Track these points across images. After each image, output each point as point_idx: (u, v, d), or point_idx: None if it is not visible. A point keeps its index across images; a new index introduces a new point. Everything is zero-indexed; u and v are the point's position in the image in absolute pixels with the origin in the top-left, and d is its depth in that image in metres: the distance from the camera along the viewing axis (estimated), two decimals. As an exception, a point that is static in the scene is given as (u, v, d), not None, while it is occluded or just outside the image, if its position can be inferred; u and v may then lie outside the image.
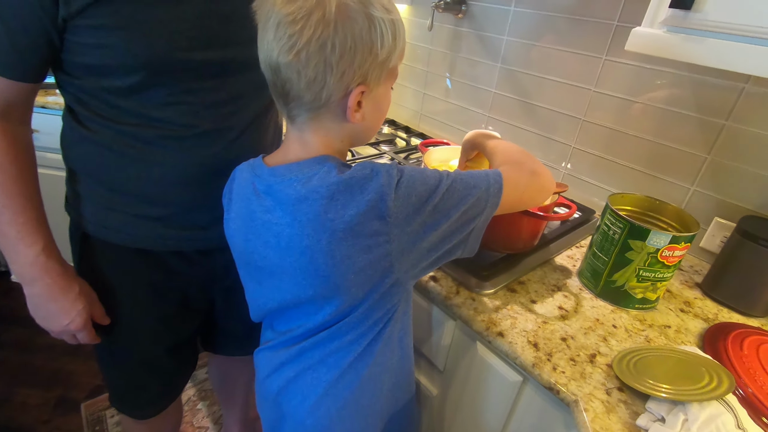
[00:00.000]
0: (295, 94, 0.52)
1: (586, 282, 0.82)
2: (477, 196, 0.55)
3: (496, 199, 0.56)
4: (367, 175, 0.52)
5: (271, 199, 0.56)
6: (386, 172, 0.52)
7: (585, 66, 1.06)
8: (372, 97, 0.55)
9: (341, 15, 0.48)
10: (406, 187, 0.52)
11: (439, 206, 0.53)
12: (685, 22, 0.63)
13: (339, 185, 0.51)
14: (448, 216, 0.54)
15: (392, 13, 0.53)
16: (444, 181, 0.54)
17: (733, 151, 0.87)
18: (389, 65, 0.54)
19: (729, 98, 0.85)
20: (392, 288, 0.57)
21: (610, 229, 0.75)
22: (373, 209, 0.50)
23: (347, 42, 0.49)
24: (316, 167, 0.53)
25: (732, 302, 0.81)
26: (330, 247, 0.52)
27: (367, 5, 0.50)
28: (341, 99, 0.52)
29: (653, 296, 0.76)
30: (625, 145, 1.03)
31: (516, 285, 0.80)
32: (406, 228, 0.52)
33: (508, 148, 0.68)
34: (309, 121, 0.55)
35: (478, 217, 0.56)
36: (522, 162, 0.64)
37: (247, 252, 0.62)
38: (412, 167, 0.55)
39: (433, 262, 0.57)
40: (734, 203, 0.89)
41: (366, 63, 0.51)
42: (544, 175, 0.63)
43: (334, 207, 0.51)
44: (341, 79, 0.50)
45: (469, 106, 1.37)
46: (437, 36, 1.40)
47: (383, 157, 1.28)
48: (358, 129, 0.58)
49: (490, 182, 0.56)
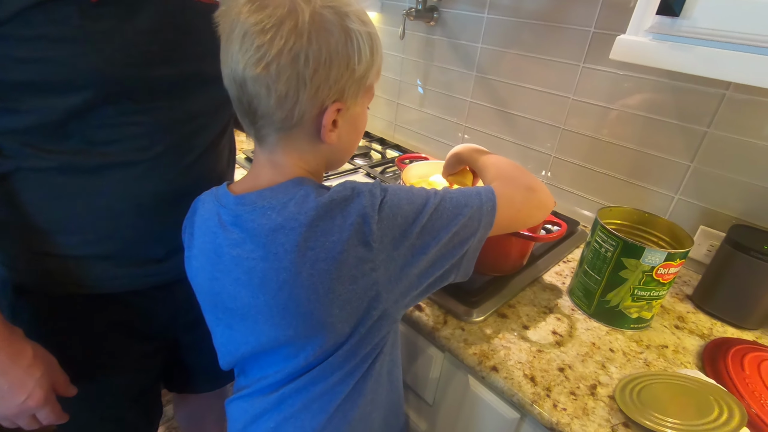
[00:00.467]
0: (264, 112, 0.46)
1: (578, 302, 0.78)
2: (469, 216, 0.50)
3: (490, 218, 0.51)
4: (348, 197, 0.46)
5: (239, 230, 0.49)
6: (369, 192, 0.47)
7: (563, 74, 1.03)
8: (348, 116, 0.50)
9: (315, 26, 0.43)
10: (391, 207, 0.46)
11: (428, 227, 0.48)
12: (672, 30, 0.60)
13: (319, 210, 0.45)
14: (438, 238, 0.48)
15: (369, 26, 0.48)
16: (432, 200, 0.49)
17: (716, 158, 0.86)
18: (366, 82, 0.49)
19: (710, 105, 0.84)
20: (380, 320, 0.52)
21: (601, 247, 0.71)
22: (357, 234, 0.45)
23: (322, 55, 0.44)
24: (292, 191, 0.48)
25: (725, 315, 0.78)
26: (312, 280, 0.46)
27: (343, 17, 0.46)
28: (315, 117, 0.47)
29: (648, 315, 0.73)
30: (606, 153, 1.00)
31: (506, 309, 0.75)
32: (393, 253, 0.47)
33: (501, 162, 0.64)
34: (280, 141, 0.49)
35: (471, 238, 0.50)
36: (516, 177, 0.59)
37: (213, 293, 0.55)
38: (396, 185, 0.50)
39: (425, 289, 0.51)
40: (719, 211, 0.87)
41: (342, 78, 0.46)
42: (541, 191, 0.58)
43: (315, 235, 0.45)
44: (315, 96, 0.45)
45: (444, 116, 1.33)
46: (409, 44, 1.36)
47: (358, 172, 1.22)
48: (334, 150, 0.52)
49: (483, 200, 0.51)
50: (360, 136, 0.55)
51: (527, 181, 0.58)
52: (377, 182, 0.49)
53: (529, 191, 0.57)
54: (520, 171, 0.61)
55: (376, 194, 0.47)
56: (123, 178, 0.58)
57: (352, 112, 0.50)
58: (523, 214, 0.56)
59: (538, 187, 0.58)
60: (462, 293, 0.75)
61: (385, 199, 0.47)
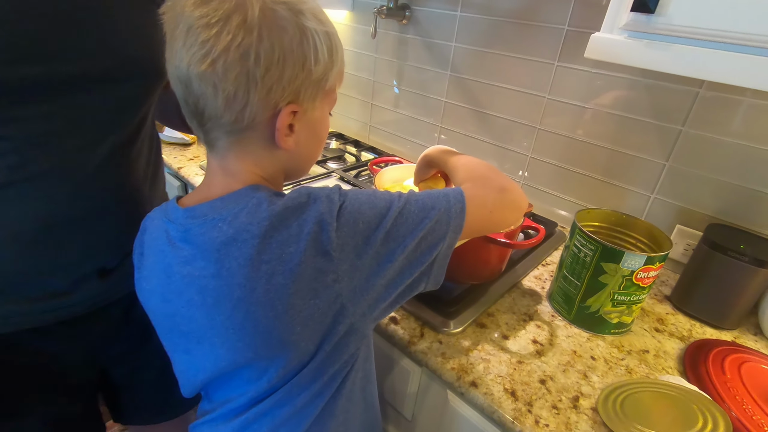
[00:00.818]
0: (212, 113, 0.43)
1: (558, 307, 0.76)
2: (436, 219, 0.46)
3: (459, 221, 0.47)
4: (303, 204, 0.43)
5: (189, 246, 0.45)
6: (326, 197, 0.43)
7: (537, 73, 1.01)
8: (306, 121, 0.47)
9: (267, 21, 0.40)
10: (351, 213, 0.43)
11: (392, 233, 0.44)
12: (648, 27, 0.58)
13: (273, 219, 0.42)
14: (404, 244, 0.45)
15: (327, 25, 0.45)
16: (396, 204, 0.45)
17: (691, 157, 0.85)
18: (326, 85, 0.46)
19: (684, 103, 0.83)
20: (348, 335, 0.48)
21: (580, 251, 0.69)
22: (315, 243, 0.42)
23: (274, 53, 0.41)
24: (244, 200, 0.44)
25: (704, 316, 0.78)
26: (269, 296, 0.42)
27: (298, 14, 0.42)
28: (269, 120, 0.44)
29: (629, 319, 0.71)
30: (582, 153, 0.99)
31: (485, 318, 0.73)
32: (356, 262, 0.43)
33: (472, 163, 0.60)
34: (231, 146, 0.45)
35: (439, 243, 0.47)
36: (487, 177, 0.56)
37: (167, 316, 0.50)
38: (358, 189, 0.47)
39: (395, 300, 0.48)
40: (695, 210, 0.87)
41: (297, 79, 0.43)
42: (513, 191, 0.55)
43: (270, 247, 0.42)
44: (268, 97, 0.42)
45: (419, 116, 1.30)
46: (382, 43, 1.32)
47: (332, 176, 1.18)
48: (292, 157, 0.49)
49: (451, 202, 0.48)
50: (322, 143, 0.52)
51: (499, 182, 0.55)
52: (337, 187, 0.46)
53: (501, 192, 0.53)
54: (492, 171, 0.58)
55: (335, 200, 0.43)
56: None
57: (311, 116, 0.47)
58: (496, 215, 0.53)
59: (510, 187, 0.55)
60: (439, 303, 0.72)
61: (345, 204, 0.43)
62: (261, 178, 0.47)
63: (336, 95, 0.50)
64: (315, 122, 0.48)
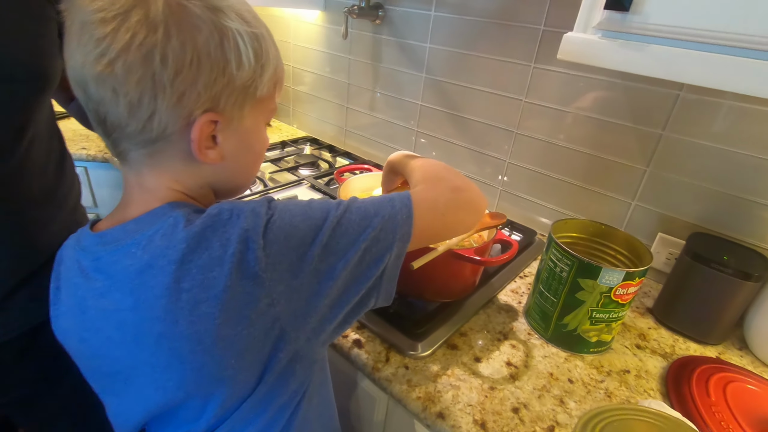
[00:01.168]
0: (116, 121, 0.37)
1: (535, 325, 0.71)
2: (380, 227, 0.41)
3: (407, 228, 0.42)
4: (224, 221, 0.38)
5: (103, 277, 0.40)
6: (251, 212, 0.38)
7: (514, 75, 0.97)
8: (234, 131, 0.41)
9: (174, 18, 0.35)
10: (281, 227, 0.38)
11: (331, 246, 0.39)
12: (622, 26, 0.54)
13: (190, 241, 0.37)
14: (346, 258, 0.40)
15: (254, 25, 0.40)
16: (333, 213, 0.40)
17: (672, 162, 0.81)
18: (255, 93, 0.41)
19: (664, 106, 0.79)
20: (293, 363, 0.43)
21: (556, 266, 0.65)
22: (241, 265, 0.37)
23: (186, 54, 0.35)
24: (159, 221, 0.39)
25: (687, 330, 0.74)
26: (194, 328, 0.37)
27: (216, 12, 0.37)
28: (183, 130, 0.38)
29: (608, 337, 0.67)
30: (561, 158, 0.95)
31: (457, 338, 0.68)
32: (293, 283, 0.38)
33: (428, 164, 0.56)
34: (145, 159, 0.40)
35: (386, 254, 0.42)
36: (441, 178, 0.51)
37: (87, 356, 0.45)
38: (291, 200, 0.42)
39: (343, 320, 0.43)
40: (677, 217, 0.83)
41: (216, 85, 0.38)
42: (469, 190, 0.50)
43: (189, 273, 0.36)
44: (180, 104, 0.37)
45: (395, 120, 1.25)
46: (356, 44, 1.27)
47: (302, 184, 1.12)
48: (220, 172, 0.44)
49: (396, 207, 0.43)
50: (258, 157, 0.47)
51: (453, 181, 0.50)
52: (265, 199, 0.41)
53: (455, 192, 0.48)
54: (448, 172, 0.53)
55: (261, 213, 0.38)
56: None
57: (239, 126, 0.41)
58: (449, 218, 0.47)
59: (465, 186, 0.50)
60: (407, 324, 0.67)
61: (273, 218, 0.38)
62: (183, 195, 0.42)
63: (275, 105, 0.45)
64: (246, 133, 0.43)
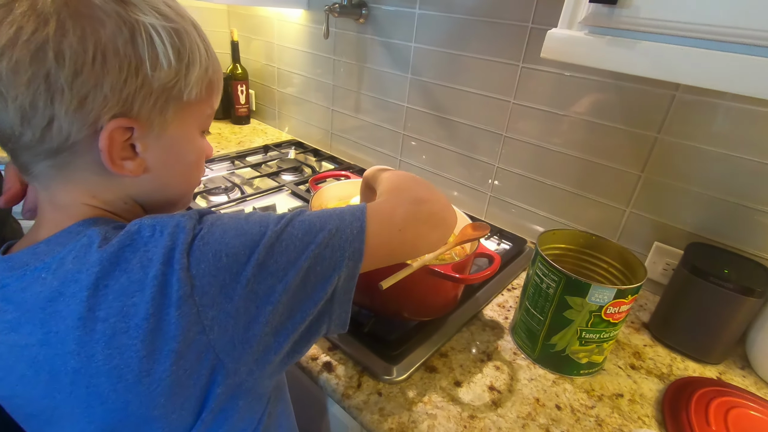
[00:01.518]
0: (7, 130, 0.33)
1: (521, 343, 0.66)
2: (325, 244, 0.36)
3: (358, 245, 0.37)
4: (144, 239, 0.33)
5: (12, 307, 0.35)
6: (175, 228, 0.34)
7: (501, 75, 0.92)
8: (157, 139, 0.37)
9: (69, 10, 0.31)
10: (210, 244, 0.34)
11: (268, 265, 0.34)
12: (610, 21, 0.49)
13: (105, 264, 0.32)
14: (285, 279, 0.35)
15: (173, 20, 0.35)
16: (272, 228, 0.36)
17: (668, 167, 0.76)
18: (181, 96, 0.36)
19: (659, 108, 0.74)
20: (236, 399, 0.39)
21: (542, 282, 0.60)
22: (164, 288, 0.32)
23: (86, 51, 0.31)
24: (72, 241, 0.34)
25: (685, 348, 0.69)
26: (113, 363, 0.32)
27: (126, 4, 0.33)
28: (90, 138, 0.34)
29: (599, 358, 0.62)
30: (552, 163, 0.90)
31: (437, 360, 0.63)
32: (226, 306, 0.33)
33: (396, 176, 0.51)
34: (52, 172, 0.35)
35: (333, 274, 0.37)
36: (403, 188, 0.46)
37: (5, 396, 0.40)
38: (228, 214, 0.37)
39: (292, 350, 0.38)
40: (674, 226, 0.78)
41: (128, 87, 0.33)
42: (434, 202, 0.44)
43: (105, 299, 0.32)
44: (82, 108, 0.32)
45: (381, 123, 1.20)
46: (340, 44, 1.22)
47: (282, 190, 1.07)
48: (147, 185, 0.39)
49: (346, 221, 0.38)
50: (192, 168, 0.42)
51: (416, 192, 0.44)
52: (196, 212, 0.36)
53: (416, 204, 0.42)
54: (413, 182, 0.47)
55: (186, 229, 0.34)
56: None
57: (163, 134, 0.37)
58: (409, 234, 0.41)
59: (429, 197, 0.44)
60: (382, 344, 0.62)
61: (201, 234, 0.34)
62: (103, 211, 0.37)
63: (211, 110, 0.41)
64: (173, 141, 0.38)
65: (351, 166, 1.25)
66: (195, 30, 0.37)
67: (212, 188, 1.03)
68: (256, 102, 1.61)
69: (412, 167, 1.16)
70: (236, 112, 1.53)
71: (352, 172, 1.19)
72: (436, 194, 0.45)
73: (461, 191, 1.08)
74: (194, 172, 0.42)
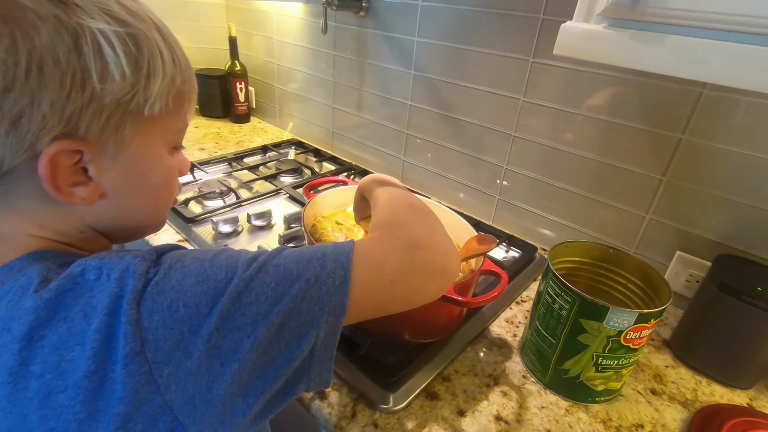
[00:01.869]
0: None
1: (531, 366, 0.61)
2: (301, 296, 0.31)
3: (340, 298, 0.32)
4: (89, 283, 0.29)
5: None
6: (123, 271, 0.29)
7: (510, 70, 0.85)
8: (114, 160, 0.32)
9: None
10: (164, 292, 0.29)
11: (234, 318, 0.30)
12: (634, 13, 0.43)
13: (41, 311, 0.28)
14: (255, 334, 0.30)
15: (129, 24, 0.30)
16: (240, 272, 0.31)
17: (693, 170, 0.70)
18: (141, 111, 0.32)
19: (684, 106, 0.68)
20: None
21: (555, 302, 0.55)
22: (109, 343, 0.27)
23: (19, 64, 0.26)
24: (10, 280, 0.30)
25: (711, 371, 0.63)
26: (49, 425, 0.28)
27: (66, 6, 0.28)
28: (30, 163, 0.29)
29: (617, 385, 0.57)
30: (564, 164, 0.84)
31: (439, 385, 0.58)
32: (184, 363, 0.29)
33: (393, 201, 0.45)
34: None
35: (311, 330, 0.32)
36: (400, 225, 0.40)
37: None
38: (189, 252, 0.32)
39: (263, 410, 0.33)
40: (698, 234, 0.72)
41: (72, 103, 0.28)
42: (432, 247, 0.38)
43: (41, 352, 0.28)
44: (15, 130, 0.28)
45: (383, 122, 1.15)
46: (340, 39, 1.16)
47: (280, 194, 1.03)
48: (106, 212, 0.34)
49: (328, 268, 0.32)
50: (160, 190, 0.37)
51: (413, 234, 0.38)
52: (152, 250, 0.31)
53: (412, 249, 0.36)
54: (411, 213, 0.41)
55: (138, 273, 0.29)
56: None
57: (121, 154, 0.32)
58: (401, 287, 0.35)
59: (428, 240, 0.38)
60: (379, 369, 0.58)
61: (156, 280, 0.29)
62: (54, 243, 0.33)
63: (182, 123, 0.36)
64: (136, 161, 0.33)
65: (352, 167, 1.19)
66: (158, 34, 0.32)
67: (207, 192, 0.98)
68: (257, 99, 1.57)
69: (416, 167, 1.11)
70: (236, 111, 1.48)
71: (350, 174, 1.15)
72: (437, 235, 0.39)
73: (468, 193, 1.02)
74: (163, 194, 0.38)
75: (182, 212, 0.88)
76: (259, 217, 0.88)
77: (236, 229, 0.86)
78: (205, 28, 1.50)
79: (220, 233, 0.85)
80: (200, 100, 1.51)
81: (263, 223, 0.89)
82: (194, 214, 0.88)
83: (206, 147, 1.28)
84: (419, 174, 1.11)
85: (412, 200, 0.45)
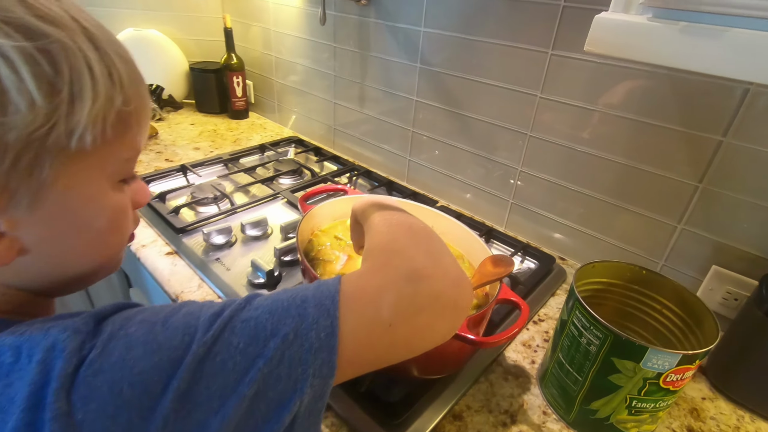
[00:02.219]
0: None
1: (552, 401, 0.55)
2: (278, 357, 0.25)
3: (326, 356, 0.26)
4: (5, 368, 0.23)
5: None
6: (48, 351, 0.23)
7: (526, 64, 0.78)
8: (31, 210, 0.26)
9: None
10: (101, 371, 0.23)
11: (195, 394, 0.24)
12: (686, 2, 0.35)
13: None
14: (222, 410, 0.24)
15: (44, 34, 0.24)
16: (200, 336, 0.24)
17: (735, 177, 0.62)
18: (66, 146, 0.25)
19: (727, 105, 0.60)
20: None
21: (582, 335, 0.48)
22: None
23: None
24: None
25: (755, 405, 0.56)
26: None
27: None
28: None
29: (652, 427, 0.50)
30: (585, 167, 0.77)
31: (449, 425, 0.52)
32: None
33: (388, 225, 0.37)
34: None
35: (293, 398, 0.25)
36: (395, 252, 0.32)
37: None
38: (140, 312, 0.26)
39: None
40: (737, 247, 0.65)
41: None
42: (438, 278, 0.30)
43: None
44: None
45: (388, 118, 1.07)
46: (341, 29, 1.09)
47: (277, 199, 0.96)
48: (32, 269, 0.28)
49: (309, 317, 0.26)
50: (105, 234, 0.31)
51: (413, 261, 0.31)
52: (89, 317, 0.25)
53: (413, 282, 0.29)
54: (409, 238, 0.34)
55: (67, 351, 0.23)
56: None
57: (40, 202, 0.26)
58: (403, 330, 0.28)
59: (431, 269, 0.30)
60: (383, 408, 0.52)
61: (91, 358, 0.23)
62: None
63: (129, 152, 0.29)
64: (65, 206, 0.27)
65: (355, 168, 1.12)
66: (88, 42, 0.25)
67: (201, 198, 0.92)
68: (255, 94, 1.49)
69: (422, 167, 1.04)
70: (233, 106, 1.41)
71: (353, 175, 1.08)
72: (443, 260, 0.32)
73: (478, 195, 0.95)
74: (108, 237, 0.31)
75: (172, 221, 0.82)
76: (255, 226, 0.82)
77: (229, 240, 0.80)
78: (200, 19, 1.42)
79: (212, 245, 0.79)
80: (196, 95, 1.45)
81: (259, 232, 0.83)
82: (185, 224, 0.82)
83: (201, 146, 1.21)
84: (425, 174, 1.04)
85: (411, 221, 0.38)
